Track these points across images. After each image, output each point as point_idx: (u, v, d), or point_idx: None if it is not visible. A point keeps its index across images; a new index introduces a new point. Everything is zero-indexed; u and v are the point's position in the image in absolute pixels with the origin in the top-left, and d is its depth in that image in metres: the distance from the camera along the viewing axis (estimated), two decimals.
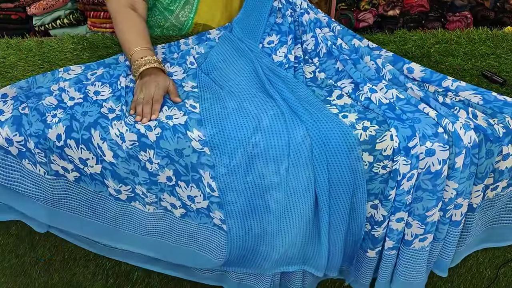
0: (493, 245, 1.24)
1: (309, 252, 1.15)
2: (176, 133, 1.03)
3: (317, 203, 1.07)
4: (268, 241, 1.11)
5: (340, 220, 1.09)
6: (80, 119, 1.07)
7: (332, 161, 1.02)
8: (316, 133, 1.01)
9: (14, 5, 1.78)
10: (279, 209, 1.06)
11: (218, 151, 1.02)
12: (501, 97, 1.10)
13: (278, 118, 1.04)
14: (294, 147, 1.01)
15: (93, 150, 1.06)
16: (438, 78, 1.14)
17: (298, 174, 1.02)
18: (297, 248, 1.12)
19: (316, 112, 1.04)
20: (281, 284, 1.26)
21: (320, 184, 1.03)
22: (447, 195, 1.06)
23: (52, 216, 1.16)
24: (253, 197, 1.06)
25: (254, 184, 1.04)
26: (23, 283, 1.38)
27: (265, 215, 1.08)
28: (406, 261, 1.15)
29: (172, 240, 1.18)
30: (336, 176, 1.03)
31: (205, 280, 1.28)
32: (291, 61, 1.24)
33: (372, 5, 1.83)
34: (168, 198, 1.11)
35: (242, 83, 1.16)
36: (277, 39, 1.31)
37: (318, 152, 1.01)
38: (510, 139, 1.05)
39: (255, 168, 1.03)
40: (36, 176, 1.11)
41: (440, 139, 1.01)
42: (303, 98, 1.10)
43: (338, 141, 1.01)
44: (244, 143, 1.02)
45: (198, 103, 1.11)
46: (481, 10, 1.88)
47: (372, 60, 1.20)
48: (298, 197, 1.04)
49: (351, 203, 1.08)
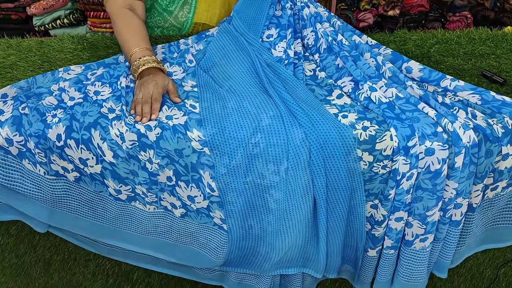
0: (493, 246, 1.24)
1: (308, 254, 1.15)
2: (176, 133, 1.03)
3: (315, 206, 1.07)
4: (268, 241, 1.11)
5: (338, 222, 1.09)
6: (80, 119, 1.07)
7: (330, 164, 1.02)
8: (314, 136, 1.01)
9: (14, 5, 1.78)
10: (279, 209, 1.06)
11: (218, 151, 1.02)
12: (500, 97, 1.10)
13: (278, 118, 1.04)
14: (293, 150, 1.01)
15: (93, 150, 1.06)
16: (436, 77, 1.14)
17: (297, 176, 1.02)
18: (297, 250, 1.12)
19: (315, 113, 1.04)
20: (281, 284, 1.26)
21: (318, 187, 1.03)
22: (447, 195, 1.06)
23: (52, 216, 1.16)
24: (253, 197, 1.06)
25: (254, 184, 1.04)
26: (23, 283, 1.38)
27: (265, 216, 1.08)
28: (407, 261, 1.14)
29: (172, 239, 1.18)
30: (333, 179, 1.03)
31: (205, 280, 1.28)
32: (290, 57, 1.23)
33: (372, 5, 1.83)
34: (168, 197, 1.11)
35: (242, 81, 1.16)
36: (276, 33, 1.29)
37: (315, 155, 1.01)
38: (509, 139, 1.05)
39: (255, 168, 1.03)
40: (36, 176, 1.11)
41: (439, 139, 1.01)
42: (302, 99, 1.10)
43: (335, 143, 1.01)
44: (244, 143, 1.02)
45: (198, 103, 1.11)
46: (481, 10, 1.87)
47: (372, 57, 1.20)
48: (297, 198, 1.04)
49: (350, 205, 1.08)
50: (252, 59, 1.20)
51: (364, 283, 1.24)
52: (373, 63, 1.19)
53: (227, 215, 1.08)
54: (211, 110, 1.08)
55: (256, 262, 1.17)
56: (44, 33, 1.88)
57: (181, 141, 1.03)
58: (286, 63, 1.22)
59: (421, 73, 1.16)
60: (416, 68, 1.17)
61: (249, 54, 1.22)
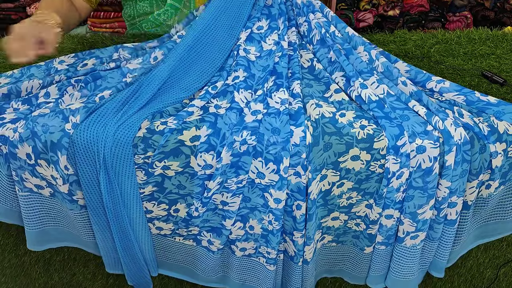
0: (487, 240, 1.25)
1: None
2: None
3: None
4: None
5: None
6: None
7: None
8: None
9: (14, 5, 1.78)
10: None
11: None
12: (485, 98, 1.11)
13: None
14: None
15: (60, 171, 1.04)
16: (422, 79, 1.15)
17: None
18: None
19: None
20: (282, 284, 1.26)
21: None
22: (440, 194, 1.06)
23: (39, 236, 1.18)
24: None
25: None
26: (23, 283, 1.38)
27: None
28: (397, 257, 1.15)
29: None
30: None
31: (208, 283, 1.28)
32: (284, 49, 1.19)
33: (372, 5, 1.83)
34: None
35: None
36: (267, 25, 1.24)
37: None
38: (496, 138, 1.05)
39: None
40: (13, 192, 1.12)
41: (429, 136, 1.02)
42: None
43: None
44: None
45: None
46: (481, 10, 1.88)
47: (366, 50, 1.19)
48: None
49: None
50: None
51: (358, 278, 1.25)
52: (366, 57, 1.18)
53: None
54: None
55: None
56: None
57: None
58: (279, 55, 1.18)
59: (407, 74, 1.16)
60: (402, 69, 1.17)
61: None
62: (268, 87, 1.13)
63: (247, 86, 1.13)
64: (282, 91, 1.10)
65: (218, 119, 1.05)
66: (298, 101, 1.09)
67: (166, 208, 1.10)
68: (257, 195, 1.07)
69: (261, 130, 1.03)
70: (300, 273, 1.17)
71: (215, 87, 1.13)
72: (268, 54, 1.18)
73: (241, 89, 1.11)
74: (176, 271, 1.27)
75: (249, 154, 1.02)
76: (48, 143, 1.00)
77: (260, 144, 1.01)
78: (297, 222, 1.07)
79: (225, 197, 1.06)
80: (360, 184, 1.07)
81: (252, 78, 1.15)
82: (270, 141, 1.01)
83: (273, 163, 1.01)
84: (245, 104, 1.09)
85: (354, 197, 1.10)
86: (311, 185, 1.03)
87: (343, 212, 1.13)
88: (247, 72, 1.16)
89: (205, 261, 1.19)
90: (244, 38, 1.21)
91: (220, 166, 1.01)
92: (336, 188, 1.08)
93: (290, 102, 1.09)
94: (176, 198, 1.08)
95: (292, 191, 1.04)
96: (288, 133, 1.01)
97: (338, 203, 1.11)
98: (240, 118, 1.05)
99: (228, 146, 1.01)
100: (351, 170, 1.05)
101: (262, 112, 1.06)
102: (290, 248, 1.14)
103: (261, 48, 1.19)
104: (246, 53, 1.18)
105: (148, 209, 1.10)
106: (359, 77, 1.13)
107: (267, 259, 1.15)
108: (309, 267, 1.16)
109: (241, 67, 1.16)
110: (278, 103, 1.08)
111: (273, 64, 1.17)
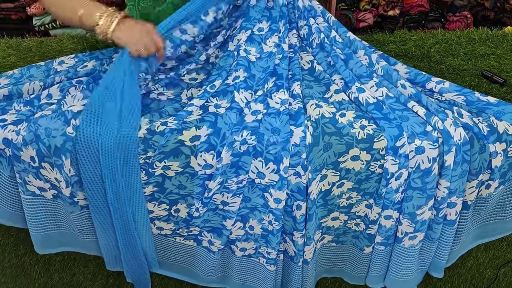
0: (487, 240, 1.25)
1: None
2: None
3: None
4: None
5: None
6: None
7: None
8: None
9: (14, 5, 1.78)
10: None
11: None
12: (484, 98, 1.11)
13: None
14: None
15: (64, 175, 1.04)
16: (422, 79, 1.15)
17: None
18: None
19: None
20: (282, 284, 1.26)
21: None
22: (440, 194, 1.06)
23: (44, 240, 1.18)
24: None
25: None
26: (23, 283, 1.38)
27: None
28: (396, 257, 1.16)
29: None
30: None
31: (208, 283, 1.28)
32: (285, 51, 1.19)
33: (372, 5, 1.83)
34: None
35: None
36: (267, 27, 1.22)
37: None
38: (495, 138, 1.05)
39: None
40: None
41: (429, 137, 1.02)
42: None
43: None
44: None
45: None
46: (481, 10, 1.87)
47: (366, 54, 1.19)
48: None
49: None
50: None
51: (358, 278, 1.25)
52: (366, 61, 1.19)
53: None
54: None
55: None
56: (44, 33, 1.87)
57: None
58: (280, 57, 1.18)
59: (407, 75, 1.16)
60: (402, 70, 1.17)
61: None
62: (268, 87, 1.13)
63: (247, 86, 1.13)
64: (282, 92, 1.10)
65: (218, 118, 1.05)
66: (298, 101, 1.09)
67: (167, 208, 1.10)
68: (257, 195, 1.07)
69: (261, 130, 1.03)
70: (300, 273, 1.17)
71: (213, 86, 1.12)
72: (269, 55, 1.18)
73: (241, 89, 1.11)
74: (176, 271, 1.27)
75: (249, 154, 1.02)
76: (52, 147, 1.00)
77: (260, 144, 1.02)
78: (297, 222, 1.07)
79: (226, 197, 1.06)
80: (360, 184, 1.07)
81: (252, 79, 1.15)
82: (270, 141, 1.01)
83: (273, 163, 1.01)
84: (245, 104, 1.09)
85: (354, 197, 1.10)
86: (311, 185, 1.04)
87: (343, 212, 1.13)
88: (248, 72, 1.16)
89: (205, 261, 1.19)
90: (244, 39, 1.21)
91: (220, 166, 1.01)
92: (336, 188, 1.08)
93: (290, 103, 1.09)
94: (177, 198, 1.08)
95: (292, 191, 1.04)
96: (288, 133, 1.01)
97: (338, 203, 1.11)
98: (240, 118, 1.05)
99: (228, 146, 1.01)
100: (351, 170, 1.05)
101: (262, 112, 1.06)
102: (290, 248, 1.14)
103: (261, 50, 1.19)
104: (246, 53, 1.18)
105: (149, 209, 1.10)
106: (356, 81, 1.13)
107: (267, 259, 1.14)
108: (309, 267, 1.16)
109: (241, 67, 1.16)
110: (278, 103, 1.08)
111: (274, 65, 1.17)
